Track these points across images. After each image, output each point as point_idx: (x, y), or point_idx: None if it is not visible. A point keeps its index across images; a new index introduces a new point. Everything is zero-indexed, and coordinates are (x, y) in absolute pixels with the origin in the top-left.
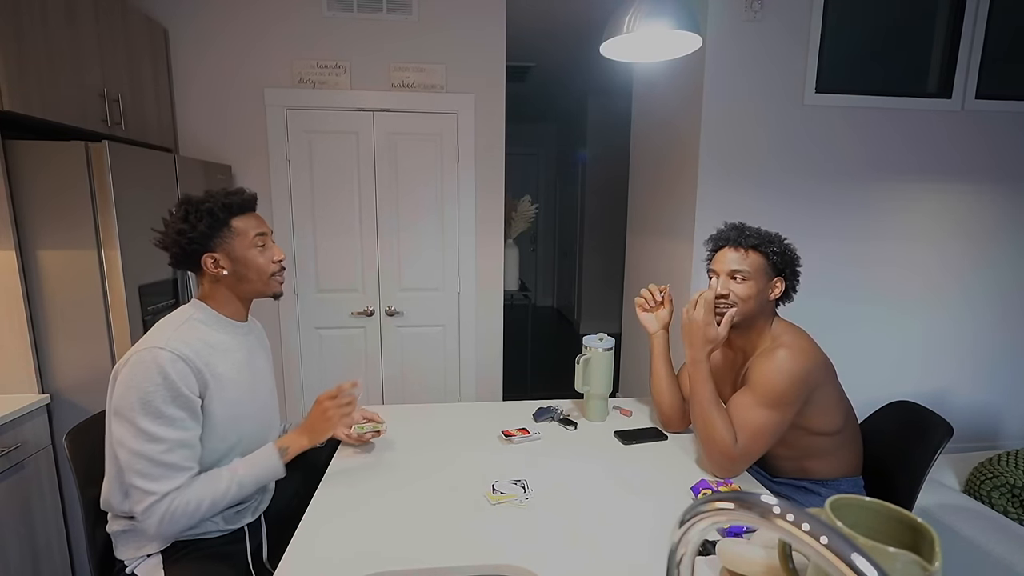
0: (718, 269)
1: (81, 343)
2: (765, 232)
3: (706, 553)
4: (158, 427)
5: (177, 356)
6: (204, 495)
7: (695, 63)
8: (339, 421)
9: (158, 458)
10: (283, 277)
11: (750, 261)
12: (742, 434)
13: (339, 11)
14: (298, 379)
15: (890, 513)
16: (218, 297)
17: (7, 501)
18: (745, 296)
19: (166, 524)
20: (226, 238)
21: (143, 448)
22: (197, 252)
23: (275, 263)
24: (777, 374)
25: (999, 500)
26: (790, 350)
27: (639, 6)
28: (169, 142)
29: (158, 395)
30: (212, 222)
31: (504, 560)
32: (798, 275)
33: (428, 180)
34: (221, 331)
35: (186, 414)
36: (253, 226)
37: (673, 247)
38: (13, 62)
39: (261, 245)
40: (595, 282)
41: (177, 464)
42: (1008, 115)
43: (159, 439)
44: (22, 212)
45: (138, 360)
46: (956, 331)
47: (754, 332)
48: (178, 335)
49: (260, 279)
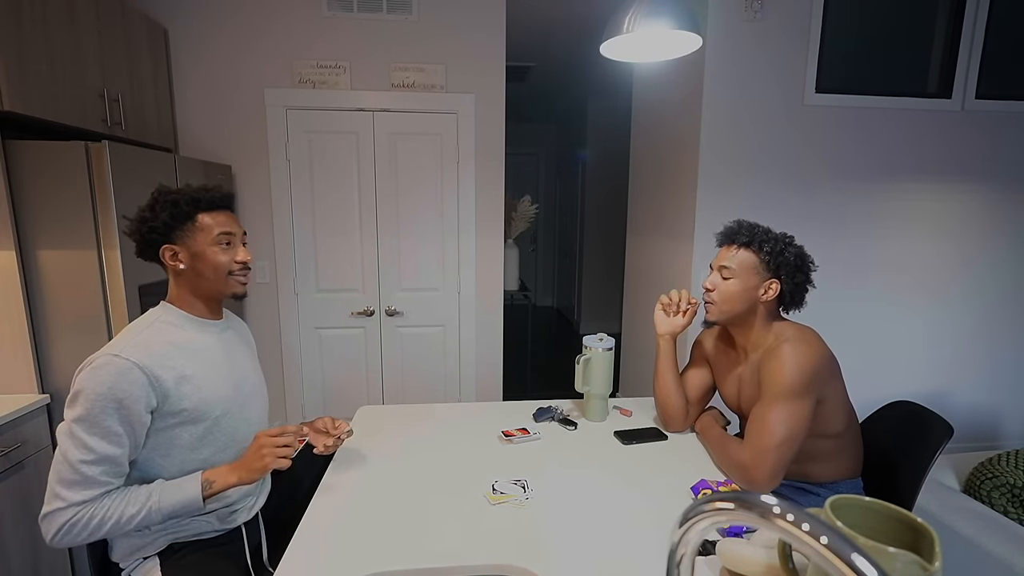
0: (712, 265)
1: (81, 343)
2: (765, 232)
3: (706, 553)
4: (90, 437)
5: (133, 364)
6: (111, 514)
7: (695, 63)
8: (273, 463)
9: (79, 467)
10: (246, 278)
11: (739, 259)
12: (752, 437)
13: (339, 11)
14: (298, 379)
15: (890, 513)
16: (184, 297)
17: (7, 501)
18: (727, 294)
19: (63, 535)
20: (188, 232)
21: (69, 452)
22: (156, 242)
23: (236, 263)
24: (785, 369)
25: (999, 500)
26: (795, 344)
27: (639, 6)
28: (169, 142)
29: (101, 404)
30: (175, 213)
31: (504, 560)
32: (803, 281)
33: (428, 180)
34: (192, 331)
35: (123, 430)
36: (220, 223)
37: (673, 247)
38: (13, 62)
39: (226, 244)
40: (595, 282)
41: (94, 478)
42: (1008, 115)
43: (87, 448)
44: (22, 212)
45: (96, 366)
46: (956, 331)
47: (752, 331)
48: (140, 339)
49: (217, 277)
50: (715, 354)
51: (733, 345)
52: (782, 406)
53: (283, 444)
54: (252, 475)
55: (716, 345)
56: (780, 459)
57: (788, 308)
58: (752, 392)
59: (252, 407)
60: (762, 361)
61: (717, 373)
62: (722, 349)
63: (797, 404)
